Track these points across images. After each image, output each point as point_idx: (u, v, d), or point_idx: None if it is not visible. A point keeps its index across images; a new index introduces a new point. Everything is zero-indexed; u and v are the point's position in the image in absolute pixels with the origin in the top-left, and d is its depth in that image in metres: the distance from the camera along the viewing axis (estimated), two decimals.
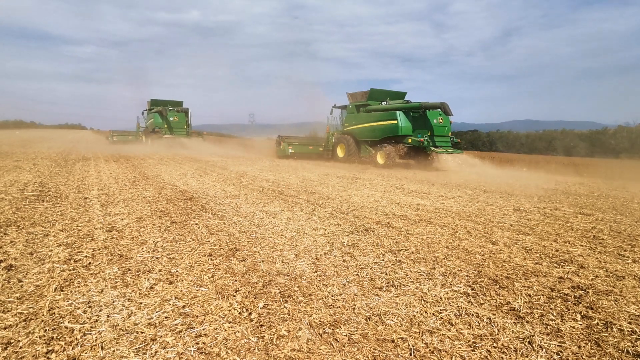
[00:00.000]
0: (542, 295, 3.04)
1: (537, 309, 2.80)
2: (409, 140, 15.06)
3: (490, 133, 34.61)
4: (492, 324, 2.55)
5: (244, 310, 2.63)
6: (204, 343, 2.22)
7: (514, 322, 2.59)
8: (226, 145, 27.62)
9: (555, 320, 2.63)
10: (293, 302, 2.79)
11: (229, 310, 2.61)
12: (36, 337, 2.20)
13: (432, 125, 15.11)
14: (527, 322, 2.60)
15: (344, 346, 2.26)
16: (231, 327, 2.40)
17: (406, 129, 15.26)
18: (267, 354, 2.15)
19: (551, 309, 2.81)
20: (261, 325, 2.44)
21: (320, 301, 2.82)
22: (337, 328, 2.45)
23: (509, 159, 21.52)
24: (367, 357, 2.16)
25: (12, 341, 2.16)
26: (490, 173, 14.37)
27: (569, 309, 2.81)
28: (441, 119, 15.27)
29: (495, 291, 3.08)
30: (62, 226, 4.49)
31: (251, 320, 2.50)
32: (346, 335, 2.37)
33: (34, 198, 6.05)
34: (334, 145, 18.62)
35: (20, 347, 2.10)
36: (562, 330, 2.51)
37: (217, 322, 2.45)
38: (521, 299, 2.95)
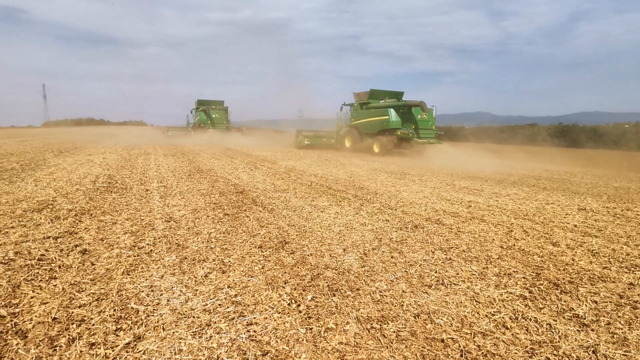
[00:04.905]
0: (610, 302, 2.81)
1: (604, 316, 2.59)
2: (398, 133, 17.69)
3: (551, 126, 32.18)
4: (553, 331, 2.41)
5: (293, 301, 2.69)
6: (254, 331, 2.30)
7: (578, 330, 2.42)
8: (259, 137, 29.34)
9: (622, 329, 2.42)
10: (341, 295, 2.81)
11: (279, 301, 2.68)
12: (107, 315, 2.42)
13: (416, 120, 17.89)
14: (592, 330, 2.42)
15: (391, 342, 2.24)
16: (280, 317, 2.48)
17: (396, 123, 17.81)
18: (315, 346, 2.19)
19: (619, 317, 2.59)
20: (309, 317, 2.49)
21: (368, 296, 2.81)
22: (385, 324, 2.44)
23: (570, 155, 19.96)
24: (416, 356, 2.13)
25: (85, 318, 2.38)
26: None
27: (638, 317, 2.58)
28: (425, 114, 17.84)
29: (557, 296, 2.89)
30: (127, 215, 4.86)
31: (300, 311, 2.56)
32: (394, 332, 2.35)
33: (104, 189, 6.60)
34: (342, 137, 21.21)
35: (93, 324, 2.32)
36: (628, 339, 2.31)
37: (267, 312, 2.53)
38: (586, 305, 2.75)
